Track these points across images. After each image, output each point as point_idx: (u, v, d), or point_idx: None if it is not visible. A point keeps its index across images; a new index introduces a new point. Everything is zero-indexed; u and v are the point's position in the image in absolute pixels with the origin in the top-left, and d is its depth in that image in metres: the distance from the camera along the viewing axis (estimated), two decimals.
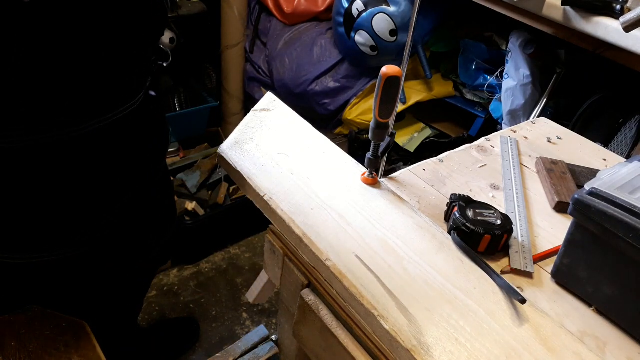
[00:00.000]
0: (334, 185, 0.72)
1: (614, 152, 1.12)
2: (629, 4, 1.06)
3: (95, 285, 0.90)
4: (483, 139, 0.92)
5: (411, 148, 1.78)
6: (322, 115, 1.87)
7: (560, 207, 0.75)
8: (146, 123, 0.81)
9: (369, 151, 0.71)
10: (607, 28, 1.08)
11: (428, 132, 1.83)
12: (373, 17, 1.61)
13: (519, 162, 0.86)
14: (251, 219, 1.80)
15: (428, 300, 0.56)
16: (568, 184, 0.79)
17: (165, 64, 0.86)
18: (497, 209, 0.67)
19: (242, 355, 0.99)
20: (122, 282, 0.96)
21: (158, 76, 0.87)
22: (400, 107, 1.73)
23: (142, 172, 0.85)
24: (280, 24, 1.97)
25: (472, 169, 0.83)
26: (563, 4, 1.14)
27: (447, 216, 0.70)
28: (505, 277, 0.60)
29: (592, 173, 0.82)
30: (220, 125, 2.21)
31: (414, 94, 1.75)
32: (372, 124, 0.67)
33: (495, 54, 1.60)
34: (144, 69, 0.76)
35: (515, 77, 1.43)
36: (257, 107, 0.88)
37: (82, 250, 0.78)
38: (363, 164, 0.74)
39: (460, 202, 0.67)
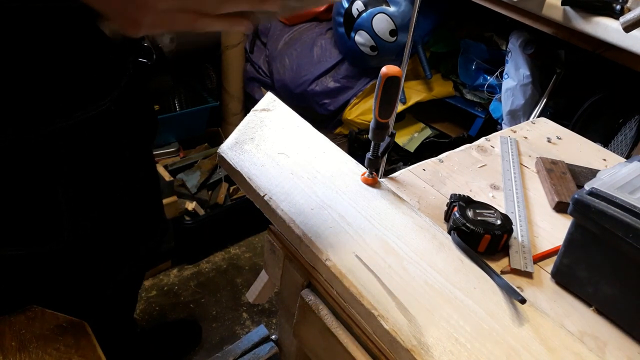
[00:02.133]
0: (334, 185, 0.72)
1: (614, 152, 1.12)
2: (629, 4, 1.06)
3: (85, 279, 0.90)
4: (483, 139, 0.92)
5: (411, 148, 1.78)
6: (322, 115, 1.87)
7: (560, 207, 0.75)
8: (126, 122, 0.80)
9: (369, 151, 0.71)
10: (607, 28, 1.08)
11: (428, 132, 1.83)
12: (373, 17, 1.61)
13: (519, 162, 0.86)
14: (251, 219, 1.80)
15: (428, 300, 0.56)
16: (568, 184, 0.79)
17: (149, 62, 0.85)
18: (497, 209, 0.67)
19: (242, 355, 0.99)
20: (112, 278, 0.96)
21: (143, 76, 0.85)
22: (400, 107, 1.73)
23: (128, 168, 0.85)
24: (280, 24, 1.97)
25: (472, 169, 0.83)
26: (563, 4, 1.14)
27: (447, 216, 0.70)
28: (505, 277, 0.60)
29: (592, 173, 0.82)
30: (220, 125, 2.21)
31: (414, 94, 1.75)
32: (372, 124, 0.67)
33: (495, 54, 1.60)
34: (115, 69, 0.75)
35: (515, 77, 1.43)
36: (257, 107, 0.88)
37: (68, 243, 0.78)
38: (363, 164, 0.74)
39: (460, 202, 0.67)
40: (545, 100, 1.41)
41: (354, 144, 1.83)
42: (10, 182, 0.70)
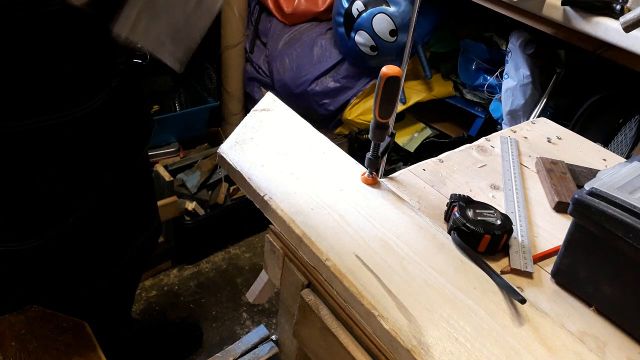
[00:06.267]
0: (334, 185, 0.72)
1: (614, 152, 1.12)
2: (629, 4, 1.06)
3: (77, 273, 0.90)
4: (483, 139, 0.92)
5: (411, 148, 1.78)
6: (322, 115, 1.87)
7: (560, 207, 0.75)
8: (119, 121, 0.81)
9: (369, 151, 0.71)
10: (607, 28, 1.08)
11: (428, 132, 1.83)
12: (373, 17, 1.61)
13: (519, 162, 0.86)
14: (251, 219, 1.80)
15: (428, 300, 0.56)
16: (568, 184, 0.79)
17: (144, 63, 0.86)
18: (497, 209, 0.67)
19: (242, 355, 0.99)
20: (104, 272, 0.96)
21: (137, 76, 0.88)
22: (400, 107, 1.73)
23: (119, 166, 0.85)
24: (280, 24, 1.97)
25: (472, 169, 0.83)
26: (563, 4, 1.14)
27: (447, 216, 0.70)
28: (505, 277, 0.60)
29: (592, 173, 0.82)
30: (220, 125, 2.21)
31: (414, 94, 1.75)
32: (372, 124, 0.67)
33: (495, 54, 1.60)
34: (102, 73, 0.75)
35: (515, 77, 1.43)
36: (257, 107, 0.88)
37: (50, 239, 0.78)
38: (363, 164, 0.74)
39: (460, 202, 0.67)
40: (545, 100, 1.41)
41: (354, 144, 1.83)
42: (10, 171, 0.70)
